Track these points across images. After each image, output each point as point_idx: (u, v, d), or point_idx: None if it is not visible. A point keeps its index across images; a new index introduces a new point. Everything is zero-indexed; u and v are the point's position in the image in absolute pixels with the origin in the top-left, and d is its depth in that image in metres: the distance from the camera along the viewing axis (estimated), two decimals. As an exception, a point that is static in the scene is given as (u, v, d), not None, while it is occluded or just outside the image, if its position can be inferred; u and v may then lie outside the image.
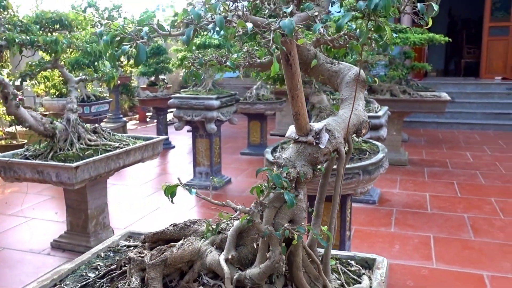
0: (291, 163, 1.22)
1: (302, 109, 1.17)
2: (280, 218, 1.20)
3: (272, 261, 1.13)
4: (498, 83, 10.44)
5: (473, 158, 6.60)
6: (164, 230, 1.37)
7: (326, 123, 1.23)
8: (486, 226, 3.99)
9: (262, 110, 6.57)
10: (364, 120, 1.34)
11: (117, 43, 0.95)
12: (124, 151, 3.36)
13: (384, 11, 0.91)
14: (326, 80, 1.39)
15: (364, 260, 1.53)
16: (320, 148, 1.20)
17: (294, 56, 1.04)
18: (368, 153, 2.82)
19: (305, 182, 1.24)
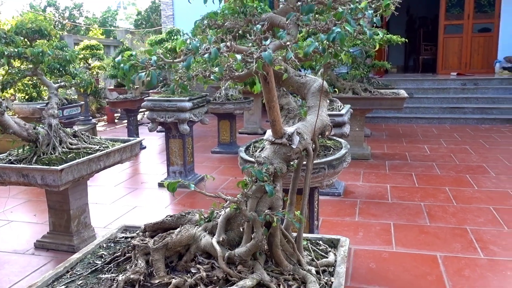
0: (269, 161, 1.48)
1: (277, 117, 1.43)
2: (261, 206, 1.46)
3: (256, 240, 1.39)
4: (454, 78, 11.04)
5: (430, 150, 7.06)
6: (163, 220, 1.61)
7: (297, 128, 1.50)
8: (440, 213, 4.38)
9: (231, 109, 6.82)
10: (327, 124, 1.62)
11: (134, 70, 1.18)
12: (104, 153, 3.55)
13: (340, 42, 1.17)
14: (295, 90, 1.66)
15: (330, 240, 1.81)
16: (293, 148, 1.46)
17: (270, 76, 1.30)
18: (332, 149, 3.11)
19: (281, 176, 1.50)
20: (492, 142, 7.54)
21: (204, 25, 1.56)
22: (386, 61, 12.12)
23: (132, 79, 1.19)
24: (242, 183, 1.47)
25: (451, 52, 12.36)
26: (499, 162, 6.18)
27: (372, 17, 1.31)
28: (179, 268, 1.47)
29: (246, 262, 1.41)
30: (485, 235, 3.83)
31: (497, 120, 9.26)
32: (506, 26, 11.66)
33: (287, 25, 1.43)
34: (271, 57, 1.15)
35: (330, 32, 1.17)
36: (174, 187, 1.43)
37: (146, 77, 1.16)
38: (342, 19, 1.23)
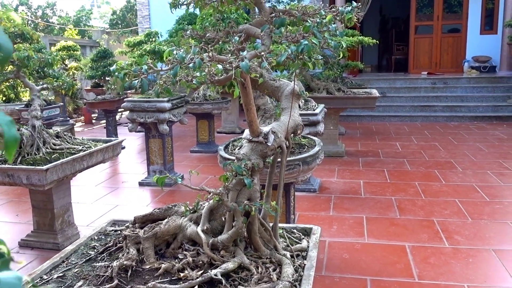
0: (247, 157, 1.65)
1: (254, 118, 1.60)
2: (241, 198, 1.63)
3: (237, 228, 1.55)
4: (424, 78, 11.42)
5: (402, 147, 7.35)
6: (152, 212, 1.76)
7: (272, 127, 1.68)
8: (410, 206, 4.63)
9: (209, 109, 6.97)
10: (299, 124, 1.80)
11: (127, 78, 1.33)
12: (87, 153, 3.66)
13: (307, 53, 1.35)
14: (270, 93, 1.83)
15: (303, 229, 1.99)
16: (268, 145, 1.63)
17: (247, 82, 1.47)
18: (306, 147, 3.31)
19: (258, 171, 1.67)
20: (460, 138, 7.89)
21: (187, 35, 1.72)
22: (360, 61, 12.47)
23: (125, 85, 1.35)
24: (223, 177, 1.64)
25: (422, 52, 12.76)
26: (466, 158, 6.49)
27: (336, 29, 1.50)
28: (167, 255, 1.63)
29: (228, 248, 1.58)
30: (450, 226, 4.09)
31: (465, 118, 9.65)
32: (473, 27, 12.12)
33: (261, 36, 1.60)
34: (248, 66, 1.32)
35: (299, 44, 1.34)
36: (163, 181, 1.59)
37: (138, 84, 1.32)
38: (309, 32, 1.41)
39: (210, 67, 1.35)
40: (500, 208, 4.48)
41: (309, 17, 1.62)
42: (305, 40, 1.35)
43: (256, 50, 1.46)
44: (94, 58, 7.44)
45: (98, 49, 7.65)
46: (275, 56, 1.41)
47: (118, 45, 12.65)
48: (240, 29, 1.72)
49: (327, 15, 1.56)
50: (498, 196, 4.84)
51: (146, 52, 5.11)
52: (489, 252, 3.56)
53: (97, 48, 8.16)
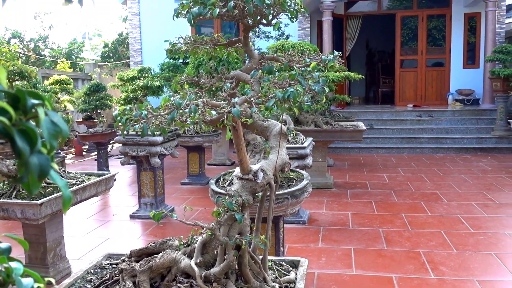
0: (238, 193, 1.76)
1: (244, 157, 1.72)
2: (232, 232, 1.73)
3: (228, 261, 1.65)
4: (410, 110, 11.71)
5: (389, 179, 7.50)
6: (147, 246, 1.85)
7: (261, 165, 1.80)
8: (397, 237, 4.73)
9: (200, 142, 7.09)
10: (287, 162, 1.92)
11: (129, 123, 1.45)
12: (81, 187, 3.74)
13: (293, 99, 1.48)
14: (259, 133, 1.96)
15: (292, 261, 2.09)
16: (257, 182, 1.75)
17: (238, 125, 1.60)
18: (295, 180, 3.42)
19: (248, 206, 1.78)
20: (446, 170, 8.07)
21: (182, 80, 1.86)
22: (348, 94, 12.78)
23: (127, 129, 1.47)
24: (216, 213, 1.75)
25: (407, 85, 13.11)
26: (451, 189, 6.65)
27: (319, 77, 1.64)
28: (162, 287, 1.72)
29: (220, 280, 1.67)
30: (435, 257, 4.19)
31: (451, 149, 9.87)
32: (456, 61, 12.54)
33: (251, 83, 1.74)
34: (239, 112, 1.45)
35: (285, 91, 1.48)
36: (159, 217, 1.69)
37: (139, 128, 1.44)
38: (295, 79, 1.55)
39: (205, 112, 1.48)
40: (484, 239, 4.60)
41: (295, 63, 1.76)
42: (291, 88, 1.48)
43: (246, 95, 1.59)
44: (87, 92, 7.58)
45: (91, 83, 7.80)
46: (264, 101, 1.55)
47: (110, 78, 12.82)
48: (231, 75, 1.86)
49: (311, 63, 1.71)
50: (482, 227, 4.97)
51: (139, 87, 5.26)
52: (473, 283, 3.65)
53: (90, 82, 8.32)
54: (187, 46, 1.83)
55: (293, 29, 12.54)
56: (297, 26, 12.85)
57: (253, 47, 1.88)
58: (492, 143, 9.97)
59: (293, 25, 12.56)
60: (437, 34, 12.83)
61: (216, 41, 1.90)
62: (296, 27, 12.84)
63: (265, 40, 11.43)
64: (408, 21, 13.04)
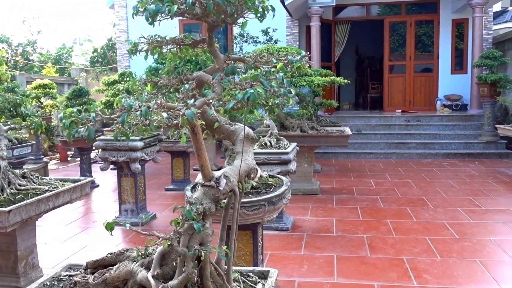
0: (199, 201, 1.67)
1: (205, 163, 1.63)
2: (192, 242, 1.63)
3: (186, 273, 1.55)
4: (398, 115, 11.68)
5: (376, 184, 7.43)
6: (103, 257, 1.75)
7: (224, 171, 1.70)
8: (381, 244, 4.65)
9: (184, 147, 6.97)
10: (253, 167, 1.83)
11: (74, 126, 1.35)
12: (54, 193, 3.61)
13: (253, 101, 1.40)
14: (226, 137, 1.87)
15: (261, 272, 1.99)
16: (220, 189, 1.65)
17: (197, 128, 1.50)
18: (273, 186, 3.33)
19: (210, 215, 1.69)
20: (433, 175, 8.02)
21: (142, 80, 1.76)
22: (336, 99, 12.72)
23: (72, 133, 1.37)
24: (175, 222, 1.65)
25: (396, 91, 13.10)
26: (438, 195, 6.59)
27: (283, 78, 1.56)
28: (117, 302, 1.61)
29: (178, 294, 1.57)
30: (419, 264, 4.11)
31: (438, 155, 9.84)
32: (444, 67, 12.56)
33: (212, 84, 1.65)
34: (193, 115, 1.36)
35: (245, 92, 1.39)
36: (112, 227, 1.59)
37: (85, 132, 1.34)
38: (257, 81, 1.46)
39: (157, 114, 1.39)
40: (469, 246, 4.54)
41: (262, 64, 1.68)
42: (251, 89, 1.40)
43: (206, 97, 1.50)
44: (69, 96, 7.44)
45: (74, 88, 7.66)
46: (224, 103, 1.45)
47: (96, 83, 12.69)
48: (193, 76, 1.77)
49: (278, 64, 1.62)
50: (468, 233, 4.90)
51: (119, 91, 5.15)
52: (456, 291, 3.58)
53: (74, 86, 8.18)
54: (149, 45, 1.74)
55: (282, 35, 12.50)
56: (285, 31, 12.82)
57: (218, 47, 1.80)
58: (480, 148, 9.95)
59: (282, 30, 12.52)
60: (425, 39, 12.85)
61: (180, 41, 1.81)
62: (285, 32, 12.81)
63: (253, 45, 11.35)
64: (396, 27, 13.05)
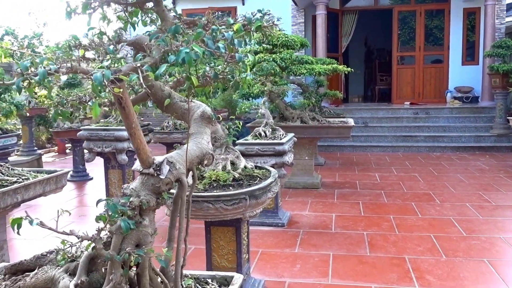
0: (136, 192, 1.36)
1: (141, 144, 1.32)
2: (126, 244, 1.33)
3: (113, 282, 1.25)
4: (406, 108, 11.28)
5: (381, 178, 7.07)
6: (21, 261, 1.45)
7: (168, 156, 1.39)
8: (382, 242, 4.31)
9: (179, 139, 6.65)
10: (207, 153, 1.51)
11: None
12: (22, 185, 3.33)
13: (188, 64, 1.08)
14: (179, 117, 1.56)
15: (224, 278, 1.68)
16: (161, 178, 1.34)
17: (126, 100, 1.19)
18: (259, 178, 3.01)
19: (149, 210, 1.38)
20: (441, 169, 7.64)
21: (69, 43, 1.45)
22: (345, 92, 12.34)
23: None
24: (102, 217, 1.34)
25: (405, 82, 12.67)
26: (445, 190, 6.22)
27: (233, 38, 1.24)
28: (33, 316, 1.32)
29: (106, 307, 1.27)
30: (422, 264, 3.77)
31: (447, 148, 9.45)
32: (455, 58, 12.09)
33: (148, 46, 1.34)
34: (102, 79, 1.05)
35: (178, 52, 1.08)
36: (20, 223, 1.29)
37: None
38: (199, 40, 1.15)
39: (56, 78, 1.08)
40: (476, 244, 4.19)
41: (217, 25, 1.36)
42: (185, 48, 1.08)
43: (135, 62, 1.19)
44: (62, 86, 7.16)
45: (67, 77, 7.38)
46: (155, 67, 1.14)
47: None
48: (130, 39, 1.47)
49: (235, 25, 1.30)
50: (476, 230, 4.55)
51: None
52: (462, 295, 3.24)
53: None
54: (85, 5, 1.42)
55: (287, 25, 12.12)
56: (291, 21, 12.44)
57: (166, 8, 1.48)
58: (491, 141, 9.53)
59: (287, 20, 12.15)
60: (435, 30, 12.39)
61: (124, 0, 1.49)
62: (290, 22, 12.43)
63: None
64: (405, 17, 12.60)
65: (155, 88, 1.46)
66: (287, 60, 6.15)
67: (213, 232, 3.08)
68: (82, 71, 1.13)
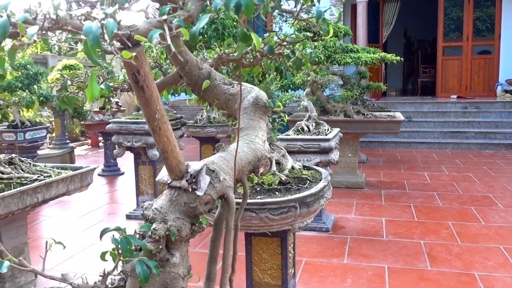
0: (161, 215, 0.93)
1: (169, 145, 0.88)
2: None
3: None
4: (454, 102, 10.54)
5: (431, 178, 6.49)
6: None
7: (209, 162, 0.95)
8: (443, 254, 3.78)
9: (213, 133, 6.26)
10: (263, 156, 1.06)
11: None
12: (42, 184, 2.98)
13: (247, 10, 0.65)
14: (223, 105, 1.12)
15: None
16: (199, 195, 0.91)
17: (145, 75, 0.76)
18: (309, 182, 2.55)
19: (181, 241, 0.94)
20: (497, 169, 6.97)
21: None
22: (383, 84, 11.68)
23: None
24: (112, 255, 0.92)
25: (451, 75, 11.90)
26: (507, 192, 5.59)
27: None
28: None
29: None
30: (496, 283, 3.22)
31: (501, 146, 8.71)
32: (506, 48, 11.23)
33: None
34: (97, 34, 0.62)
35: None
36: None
37: None
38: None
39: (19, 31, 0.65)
40: (557, 260, 3.60)
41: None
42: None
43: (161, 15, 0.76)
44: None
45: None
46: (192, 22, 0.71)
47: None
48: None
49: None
50: (553, 242, 3.95)
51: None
52: (552, 325, 2.69)
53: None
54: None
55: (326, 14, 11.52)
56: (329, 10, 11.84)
57: None
58: (550, 139, 8.74)
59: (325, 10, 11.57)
60: (485, 18, 11.55)
61: None
62: (328, 12, 11.82)
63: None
64: (452, 5, 11.80)
65: (190, 64, 1.03)
66: (330, 48, 5.65)
67: (254, 243, 2.64)
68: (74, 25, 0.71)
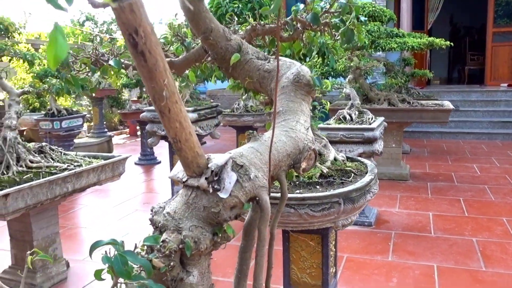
0: (174, 222, 0.74)
1: (183, 132, 0.68)
2: (156, 318, 0.72)
3: None
4: (504, 90, 9.92)
5: (481, 170, 6.08)
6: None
7: (236, 154, 0.75)
8: (499, 253, 3.46)
9: (250, 122, 6.07)
10: (307, 147, 0.85)
11: None
12: (72, 173, 2.88)
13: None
14: (256, 85, 0.91)
15: None
16: (222, 198, 0.71)
17: (146, 36, 0.56)
18: (353, 174, 2.32)
19: (199, 254, 0.75)
20: (555, 162, 6.47)
21: None
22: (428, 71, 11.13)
23: None
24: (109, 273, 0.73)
25: (501, 62, 11.22)
26: None
27: None
28: None
29: None
30: (561, 288, 2.90)
31: (559, 137, 8.11)
32: None
33: None
34: None
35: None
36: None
37: None
38: None
39: None
40: None
41: None
42: None
43: None
44: None
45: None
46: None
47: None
48: None
49: None
50: None
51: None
52: None
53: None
54: None
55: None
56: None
57: None
58: None
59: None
60: (541, -1, 10.78)
61: None
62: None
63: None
64: (504, -13, 11.08)
65: (216, 33, 0.83)
66: (374, 33, 5.32)
67: (292, 240, 2.44)
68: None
